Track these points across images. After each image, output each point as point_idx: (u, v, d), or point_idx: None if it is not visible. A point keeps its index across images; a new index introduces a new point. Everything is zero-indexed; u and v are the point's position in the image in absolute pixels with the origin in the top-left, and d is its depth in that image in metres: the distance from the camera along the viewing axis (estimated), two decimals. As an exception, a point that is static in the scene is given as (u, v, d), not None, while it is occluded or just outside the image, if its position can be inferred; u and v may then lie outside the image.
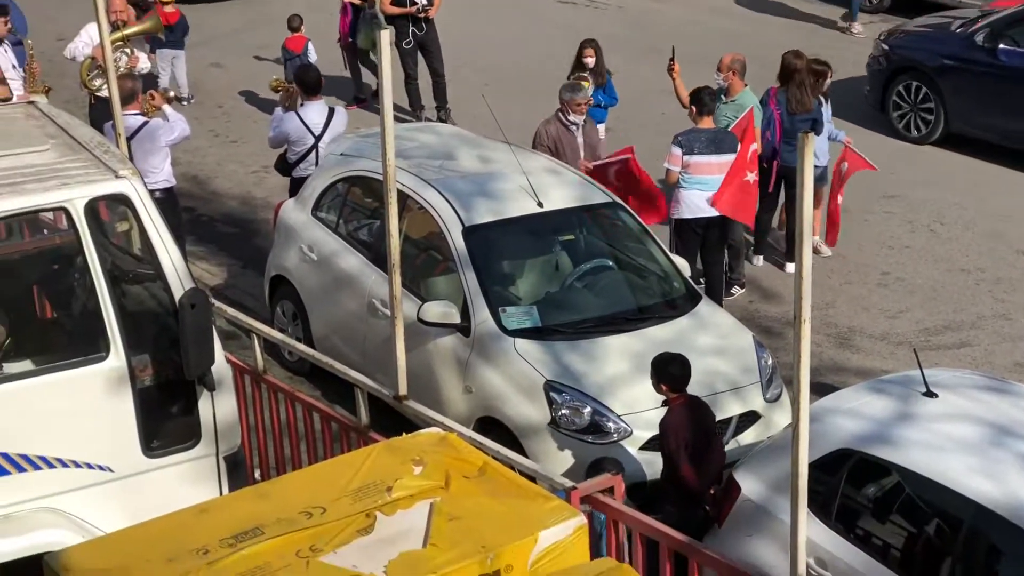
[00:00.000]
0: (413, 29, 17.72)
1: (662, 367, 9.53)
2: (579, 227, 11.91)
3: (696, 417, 9.47)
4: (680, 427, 9.32)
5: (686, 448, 9.27)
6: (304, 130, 13.54)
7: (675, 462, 9.28)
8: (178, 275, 8.32)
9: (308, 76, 14.00)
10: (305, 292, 12.57)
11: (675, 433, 9.30)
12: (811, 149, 6.51)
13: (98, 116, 14.83)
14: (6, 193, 8.14)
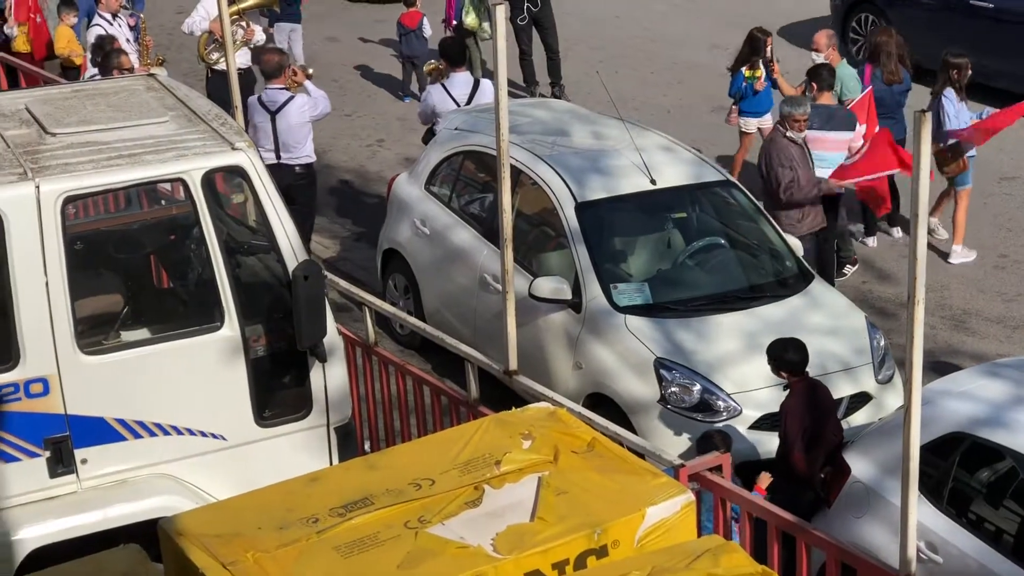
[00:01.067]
0: (528, 5, 17.71)
1: (779, 354, 9.47)
2: (692, 205, 11.87)
3: (815, 399, 9.41)
4: (801, 411, 9.28)
5: (803, 433, 9.22)
6: (449, 101, 13.59)
7: (789, 445, 9.23)
8: (292, 247, 8.40)
9: (452, 48, 14.05)
10: (417, 266, 12.63)
11: (795, 417, 9.26)
12: (927, 129, 6.44)
13: (215, 89, 15.01)
14: (125, 164, 8.25)
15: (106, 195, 9.03)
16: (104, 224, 9.65)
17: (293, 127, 13.05)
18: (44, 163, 8.18)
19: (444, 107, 13.59)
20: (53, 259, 7.96)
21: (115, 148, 8.38)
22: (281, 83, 13.08)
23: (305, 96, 13.20)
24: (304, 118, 13.12)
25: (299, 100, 13.11)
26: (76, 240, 8.53)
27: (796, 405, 9.31)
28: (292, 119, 13.03)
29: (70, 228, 8.20)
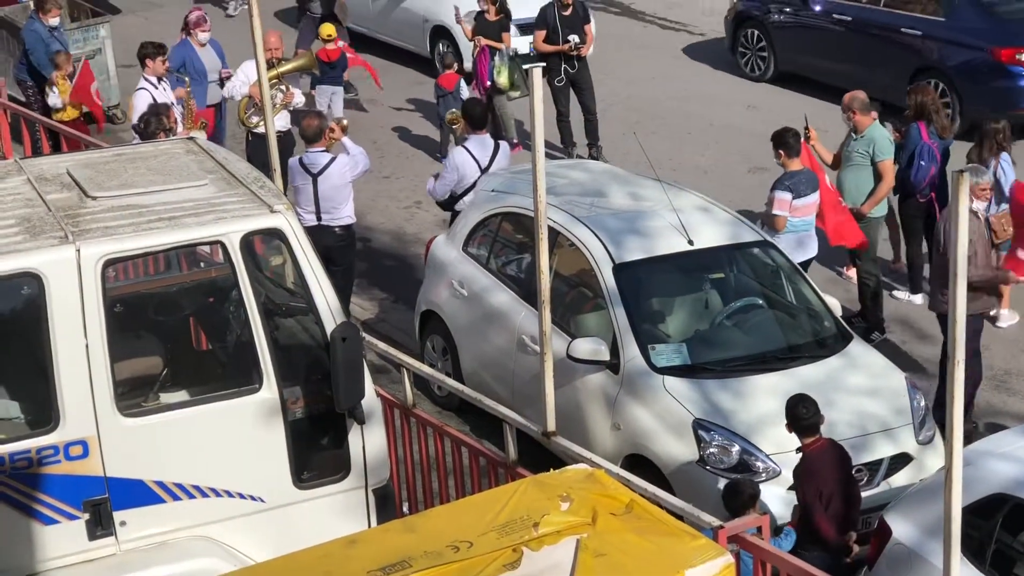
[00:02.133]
0: (565, 67, 17.76)
1: (789, 409, 9.45)
2: (729, 265, 11.86)
3: (832, 464, 9.36)
4: (813, 474, 9.23)
5: (820, 497, 9.17)
6: (472, 163, 13.65)
7: (810, 511, 9.19)
8: (330, 309, 8.43)
9: (475, 110, 14.13)
10: (455, 327, 12.65)
11: (808, 481, 9.21)
12: (965, 188, 6.43)
13: (255, 152, 15.11)
14: (164, 227, 8.31)
15: (146, 258, 9.09)
16: (144, 287, 9.72)
17: (335, 188, 13.13)
18: (85, 226, 8.25)
19: (465, 169, 13.64)
20: (93, 321, 8.01)
21: (155, 211, 8.45)
22: (322, 146, 13.17)
23: (346, 156, 13.29)
24: (346, 179, 13.21)
25: (341, 161, 13.20)
26: (116, 303, 8.58)
27: (808, 468, 9.28)
28: (334, 180, 13.12)
29: (110, 291, 8.25)
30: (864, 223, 13.61)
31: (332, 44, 18.32)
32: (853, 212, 13.58)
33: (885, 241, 14.53)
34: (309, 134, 13.16)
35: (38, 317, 7.98)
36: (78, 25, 19.58)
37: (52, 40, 17.56)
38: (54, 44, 17.50)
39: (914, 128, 13.91)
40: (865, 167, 13.63)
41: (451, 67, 18.07)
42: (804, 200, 12.77)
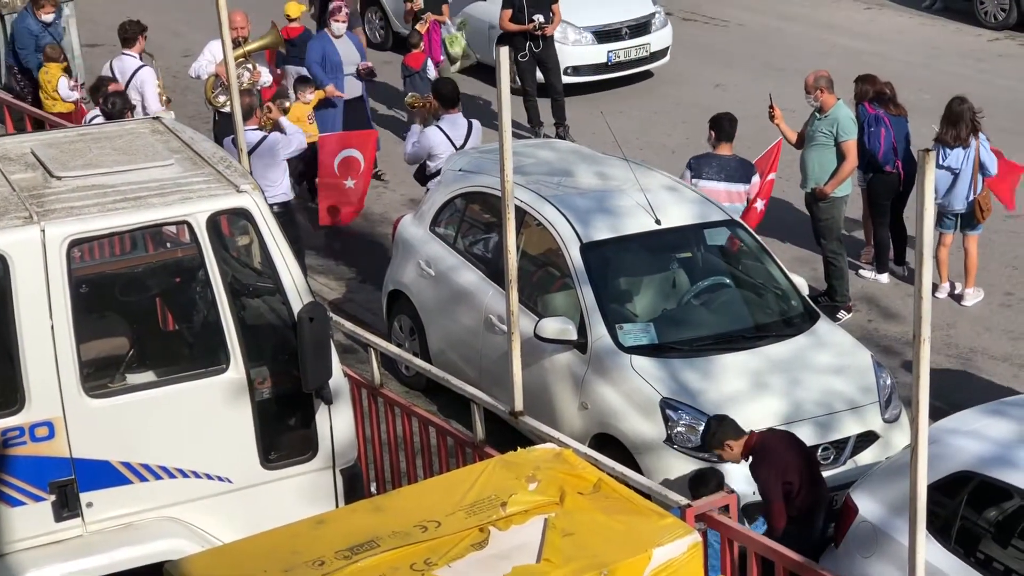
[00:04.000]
0: (530, 44, 17.76)
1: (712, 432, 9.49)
2: (696, 244, 11.87)
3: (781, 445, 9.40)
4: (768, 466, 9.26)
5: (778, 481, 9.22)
6: (447, 143, 13.64)
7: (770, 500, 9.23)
8: (297, 289, 8.41)
9: (446, 88, 14.10)
10: (422, 307, 12.64)
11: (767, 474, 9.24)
12: (931, 168, 6.45)
13: (221, 132, 15.06)
14: (130, 207, 8.27)
15: (111, 238, 9.05)
16: (109, 267, 9.68)
17: (267, 167, 13.07)
18: (49, 206, 8.21)
19: (440, 149, 13.64)
20: (58, 302, 7.97)
21: (120, 191, 8.41)
22: (254, 123, 13.12)
23: (278, 135, 13.25)
24: (278, 157, 13.18)
25: (272, 139, 13.18)
26: (81, 283, 8.54)
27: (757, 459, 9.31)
28: (266, 158, 13.06)
29: (75, 271, 8.21)
30: (827, 202, 13.66)
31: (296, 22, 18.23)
32: (816, 191, 13.63)
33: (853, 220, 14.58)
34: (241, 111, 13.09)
35: (3, 298, 7.94)
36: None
37: (44, 35, 17.36)
38: (46, 39, 17.32)
39: (860, 106, 13.98)
40: (828, 147, 13.67)
41: (417, 46, 18.00)
42: (709, 184, 12.81)
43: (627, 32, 19.91)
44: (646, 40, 20.06)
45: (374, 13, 21.79)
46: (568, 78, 18.99)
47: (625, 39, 19.87)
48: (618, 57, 19.89)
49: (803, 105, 14.27)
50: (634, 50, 19.98)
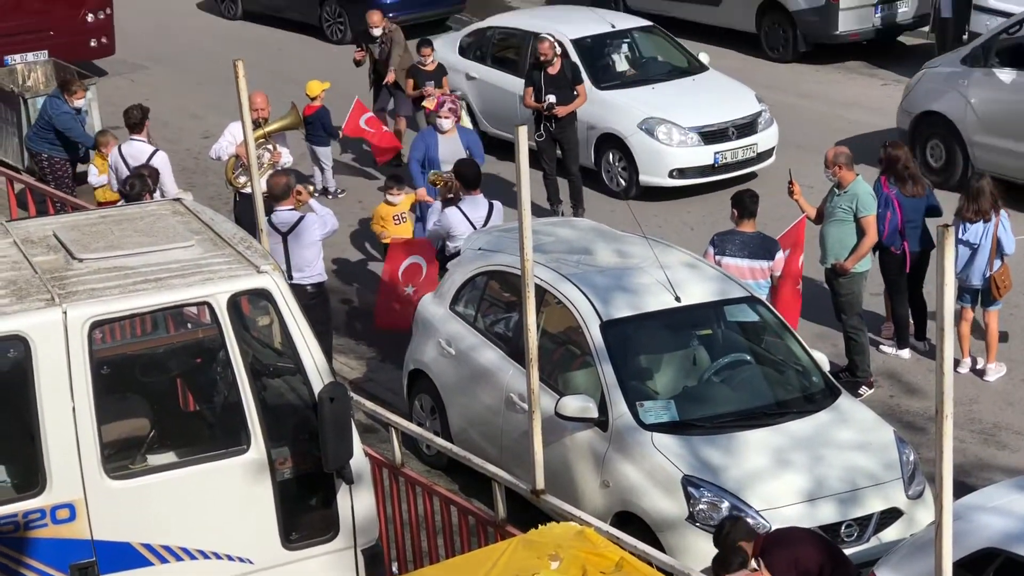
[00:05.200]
0: (545, 124, 17.62)
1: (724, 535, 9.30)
2: (717, 321, 11.86)
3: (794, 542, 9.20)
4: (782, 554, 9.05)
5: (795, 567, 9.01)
6: (466, 224, 13.66)
7: None
8: (318, 369, 8.42)
9: (468, 170, 14.11)
10: (443, 386, 12.63)
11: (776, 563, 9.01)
12: (951, 244, 6.45)
13: (242, 213, 15.12)
14: (151, 288, 8.31)
15: (133, 319, 9.08)
16: (131, 348, 9.71)
17: (305, 247, 13.13)
18: (71, 288, 8.24)
19: (459, 229, 13.66)
20: (80, 384, 7.99)
21: (141, 273, 8.45)
22: (290, 203, 13.18)
23: (314, 215, 13.30)
24: (315, 237, 13.20)
25: (310, 219, 13.21)
26: (103, 364, 8.57)
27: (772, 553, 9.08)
28: (304, 238, 13.12)
29: (97, 352, 8.24)
30: (847, 278, 13.65)
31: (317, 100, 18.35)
32: (836, 267, 13.62)
33: (874, 296, 14.55)
34: (277, 192, 13.16)
35: (25, 380, 7.97)
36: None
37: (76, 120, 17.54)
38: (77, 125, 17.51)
39: (877, 182, 14.01)
40: (848, 222, 13.67)
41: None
42: (732, 260, 12.81)
43: (734, 132, 18.62)
44: (753, 140, 18.72)
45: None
46: (674, 181, 18.38)
47: (732, 139, 18.58)
48: (725, 158, 18.55)
49: (822, 180, 14.29)
50: (741, 151, 18.62)
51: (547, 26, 19.20)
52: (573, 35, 19.24)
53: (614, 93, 18.88)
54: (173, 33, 27.06)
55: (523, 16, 21.02)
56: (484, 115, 20.05)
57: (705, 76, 19.62)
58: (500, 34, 20.47)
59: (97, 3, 23.49)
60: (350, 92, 19.64)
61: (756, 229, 13.19)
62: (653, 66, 19.90)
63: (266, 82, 18.66)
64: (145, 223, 9.26)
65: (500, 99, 19.80)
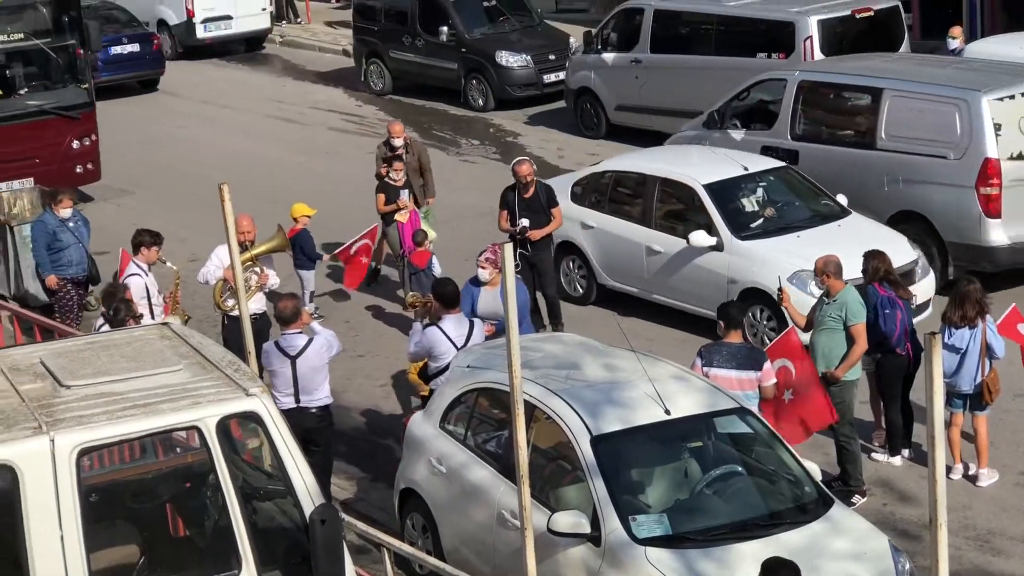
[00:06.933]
0: (520, 251, 17.25)
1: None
2: (707, 433, 11.84)
3: None
4: None
5: None
6: (448, 343, 13.65)
7: None
8: (308, 491, 8.39)
9: (446, 290, 14.13)
10: (434, 504, 12.56)
11: None
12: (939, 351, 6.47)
13: (231, 336, 15.11)
14: (139, 414, 8.29)
15: (121, 445, 9.04)
16: (120, 474, 9.64)
17: (314, 370, 13.17)
18: (58, 416, 8.23)
19: (441, 349, 13.64)
20: (68, 512, 7.94)
21: (129, 398, 8.44)
22: (298, 327, 13.21)
23: (321, 338, 13.33)
24: (323, 359, 13.24)
25: (318, 342, 13.25)
26: (91, 491, 8.52)
27: None
28: (313, 361, 13.15)
29: (85, 480, 8.20)
30: (838, 386, 13.65)
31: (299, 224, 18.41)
32: (827, 376, 13.63)
33: (863, 403, 14.55)
34: (286, 315, 13.20)
35: (12, 509, 7.92)
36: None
37: (63, 230, 17.47)
38: (65, 236, 17.46)
39: (871, 288, 14.06)
40: (838, 331, 13.70)
41: (421, 244, 18.16)
42: (720, 372, 12.81)
43: None
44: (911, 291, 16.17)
45: None
46: None
47: None
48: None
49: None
50: None
51: (671, 169, 18.09)
52: (705, 179, 17.57)
53: (755, 243, 17.03)
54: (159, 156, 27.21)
55: (642, 159, 19.20)
56: (603, 268, 18.55)
57: (850, 221, 17.69)
58: (618, 179, 18.84)
59: (82, 130, 23.63)
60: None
61: (742, 340, 13.21)
62: (793, 211, 17.94)
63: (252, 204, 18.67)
64: (132, 348, 9.27)
65: (622, 250, 18.30)
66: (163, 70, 32.90)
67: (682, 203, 17.80)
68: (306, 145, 27.55)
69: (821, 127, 19.81)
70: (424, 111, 29.03)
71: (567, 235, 18.58)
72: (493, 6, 29.86)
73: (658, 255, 17.72)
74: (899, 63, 20.86)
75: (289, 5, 38.08)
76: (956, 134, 17.91)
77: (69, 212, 17.67)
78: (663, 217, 17.89)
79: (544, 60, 28.47)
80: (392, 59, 30.17)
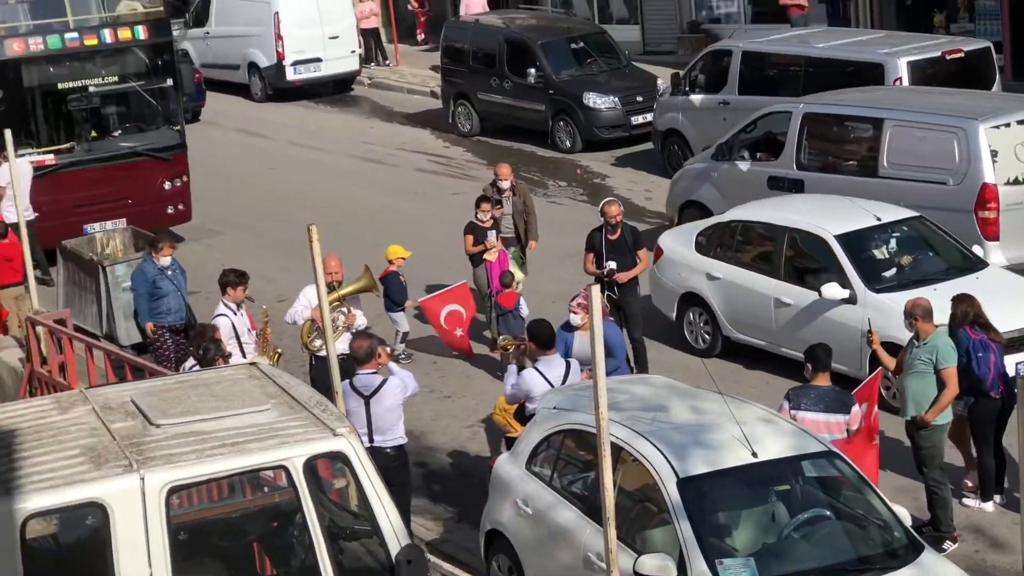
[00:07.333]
0: (608, 293, 17.13)
1: None
2: (795, 476, 11.75)
3: None
4: None
5: None
6: (545, 385, 13.63)
7: None
8: (395, 531, 8.41)
9: (542, 331, 14.11)
10: (520, 546, 12.54)
11: None
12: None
13: (318, 376, 15.18)
14: (228, 453, 8.35)
15: (209, 484, 9.11)
16: (208, 513, 9.71)
17: (388, 410, 13.19)
18: (149, 454, 8.30)
19: (538, 391, 13.62)
20: (157, 550, 8.01)
21: (218, 437, 8.50)
22: (372, 367, 13.25)
23: (396, 378, 13.36)
24: (397, 400, 13.27)
25: (393, 382, 13.27)
26: (180, 530, 8.58)
27: None
28: (387, 401, 13.17)
29: (174, 518, 8.26)
30: (928, 431, 13.51)
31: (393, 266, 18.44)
32: (917, 419, 13.50)
33: (952, 449, 14.38)
34: (360, 355, 13.24)
35: (103, 547, 7.99)
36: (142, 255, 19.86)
37: (162, 278, 17.50)
38: (165, 284, 17.51)
39: (961, 331, 13.90)
40: (928, 374, 13.57)
41: (509, 286, 18.16)
42: (808, 415, 12.72)
43: None
44: None
45: None
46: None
47: None
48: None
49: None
50: None
51: (801, 219, 17.52)
52: (836, 230, 17.00)
53: (892, 296, 16.14)
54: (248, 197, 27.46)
55: (770, 208, 18.52)
56: (729, 320, 17.99)
57: (988, 273, 16.94)
58: (745, 228, 18.34)
59: (174, 171, 23.91)
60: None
61: (830, 383, 13.12)
62: (928, 262, 17.20)
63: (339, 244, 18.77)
64: (222, 387, 9.34)
65: (749, 302, 17.73)
66: (203, 102, 33.26)
67: (813, 254, 17.28)
68: (393, 186, 27.70)
69: (825, 156, 20.39)
70: (511, 152, 29.08)
71: (691, 286, 18.28)
72: (581, 48, 29.94)
73: (787, 307, 17.12)
74: (899, 94, 21.40)
75: (378, 47, 38.34)
76: (955, 161, 18.44)
77: (169, 260, 17.70)
78: (793, 268, 17.36)
79: (632, 102, 28.47)
80: (480, 100, 30.30)
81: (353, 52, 35.94)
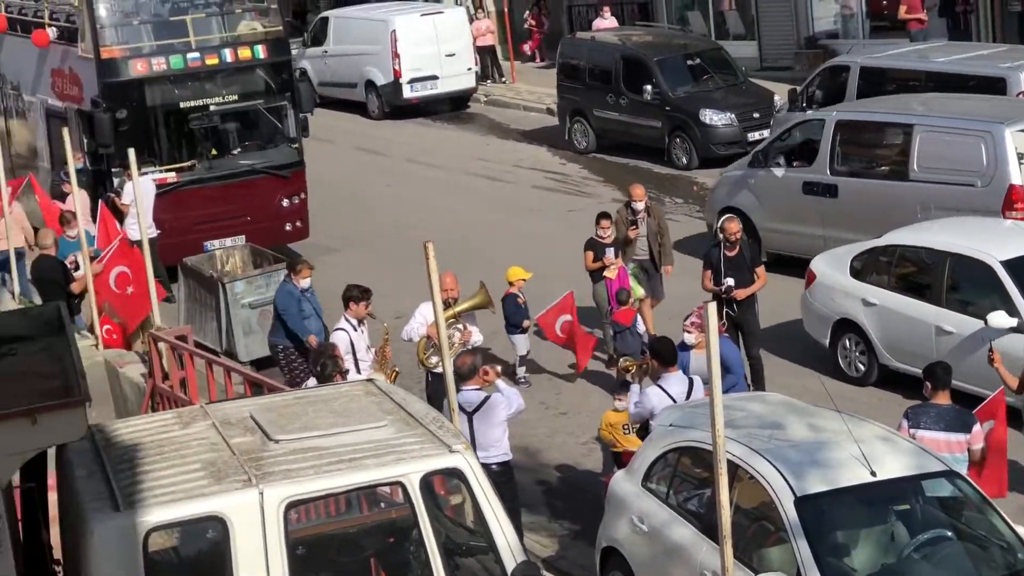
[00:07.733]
0: (727, 311, 17.06)
1: None
2: (915, 496, 11.61)
3: None
4: None
5: None
6: (669, 402, 13.59)
7: None
8: (510, 547, 8.42)
9: (664, 348, 14.08)
10: (636, 563, 12.51)
11: None
12: None
13: (434, 392, 15.25)
14: (345, 468, 8.41)
15: (327, 499, 9.18)
16: (325, 528, 9.79)
17: (491, 426, 13.20)
18: (267, 469, 8.38)
19: (662, 407, 13.57)
20: (276, 564, 8.08)
21: (336, 453, 8.57)
22: (476, 384, 13.27)
23: (500, 395, 13.36)
24: (500, 417, 13.27)
25: (496, 399, 13.28)
26: (298, 544, 8.66)
27: None
28: (490, 418, 13.18)
29: (292, 533, 8.34)
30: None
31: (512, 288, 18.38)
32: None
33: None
34: (463, 372, 13.25)
35: (222, 560, 8.08)
36: (261, 272, 20.09)
37: (304, 301, 17.36)
38: (306, 306, 17.35)
39: None
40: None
41: (625, 303, 18.12)
42: (928, 433, 12.53)
43: None
44: None
45: None
46: None
47: None
48: None
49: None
50: None
51: (964, 244, 16.82)
52: (1002, 255, 16.27)
53: None
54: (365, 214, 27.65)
55: (930, 232, 17.74)
56: (886, 347, 17.34)
57: None
58: (903, 253, 17.73)
59: (292, 189, 24.18)
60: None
61: (950, 402, 12.94)
62: None
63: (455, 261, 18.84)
64: (339, 404, 9.42)
65: (908, 330, 17.07)
66: None
67: (977, 280, 16.62)
68: (509, 203, 27.78)
69: (858, 162, 21.16)
70: (628, 169, 29.04)
71: (846, 312, 17.75)
72: (697, 64, 29.88)
73: (949, 335, 16.39)
74: (928, 100, 21.80)
75: (494, 65, 38.50)
76: (982, 164, 19.04)
77: (308, 282, 17.49)
78: (955, 295, 16.75)
79: (748, 118, 28.34)
80: (596, 117, 30.31)
81: (469, 70, 36.14)
